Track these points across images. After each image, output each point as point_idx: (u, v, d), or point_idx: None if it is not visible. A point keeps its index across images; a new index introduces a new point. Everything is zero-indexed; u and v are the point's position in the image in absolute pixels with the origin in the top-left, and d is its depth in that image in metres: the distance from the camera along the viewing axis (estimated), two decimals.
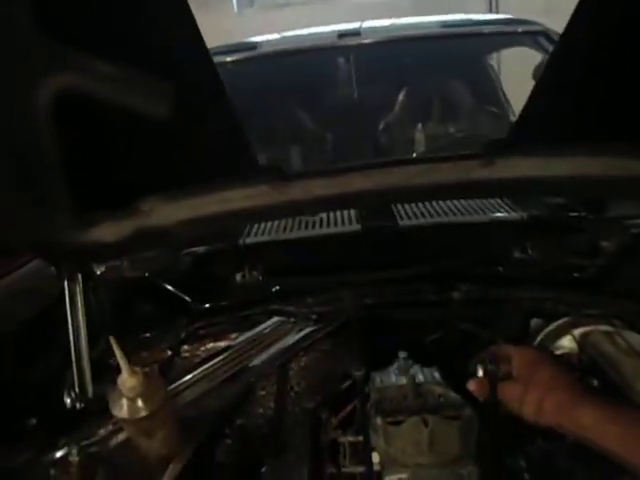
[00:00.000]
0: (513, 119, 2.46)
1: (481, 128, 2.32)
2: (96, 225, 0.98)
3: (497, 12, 6.25)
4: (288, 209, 1.02)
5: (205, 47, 0.74)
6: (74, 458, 0.76)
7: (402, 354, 0.98)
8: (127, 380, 0.74)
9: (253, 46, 1.97)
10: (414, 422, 0.78)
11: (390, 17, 5.17)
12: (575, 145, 0.94)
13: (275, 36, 2.24)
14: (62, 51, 0.64)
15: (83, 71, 0.66)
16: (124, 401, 0.75)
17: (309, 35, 2.21)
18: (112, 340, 0.74)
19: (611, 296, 1.15)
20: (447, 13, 5.68)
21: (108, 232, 0.99)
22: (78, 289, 1.03)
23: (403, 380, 0.91)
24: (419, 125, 2.05)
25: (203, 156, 0.92)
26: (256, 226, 1.38)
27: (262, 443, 1.00)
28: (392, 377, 0.93)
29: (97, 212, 0.97)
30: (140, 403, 0.76)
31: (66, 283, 1.02)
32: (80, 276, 1.03)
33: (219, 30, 0.75)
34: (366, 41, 1.93)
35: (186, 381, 1.08)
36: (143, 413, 0.76)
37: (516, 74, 2.92)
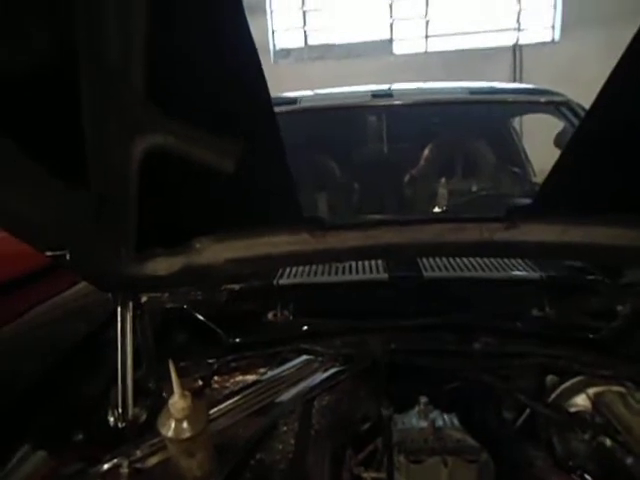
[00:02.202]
0: (533, 179, 2.57)
1: (502, 187, 2.43)
2: (152, 259, 1.09)
3: (521, 75, 6.51)
4: (325, 256, 1.13)
5: (272, 109, 0.85)
6: (124, 470, 0.83)
7: (423, 399, 1.04)
8: (178, 402, 0.82)
9: (294, 100, 2.14)
10: (435, 462, 0.84)
11: (419, 76, 5.43)
12: (591, 215, 1.03)
13: (313, 92, 2.42)
14: (159, 115, 0.77)
15: (172, 132, 0.79)
16: (172, 421, 0.83)
17: (345, 93, 2.38)
18: (171, 364, 0.83)
19: (624, 358, 1.20)
20: (473, 74, 5.94)
21: (162, 266, 1.10)
22: (129, 316, 1.12)
23: (424, 423, 0.97)
24: (442, 180, 2.15)
25: (255, 203, 1.04)
26: (289, 268, 1.48)
27: (280, 478, 1.05)
28: (413, 420, 1.00)
29: (155, 248, 1.08)
30: (186, 424, 0.84)
31: (119, 310, 1.12)
32: (131, 304, 1.14)
33: None
34: (398, 102, 2.07)
35: (217, 411, 1.15)
36: (188, 434, 0.84)
37: (538, 136, 3.05)
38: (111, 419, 1.05)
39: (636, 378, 1.13)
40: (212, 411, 1.14)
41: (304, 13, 7.06)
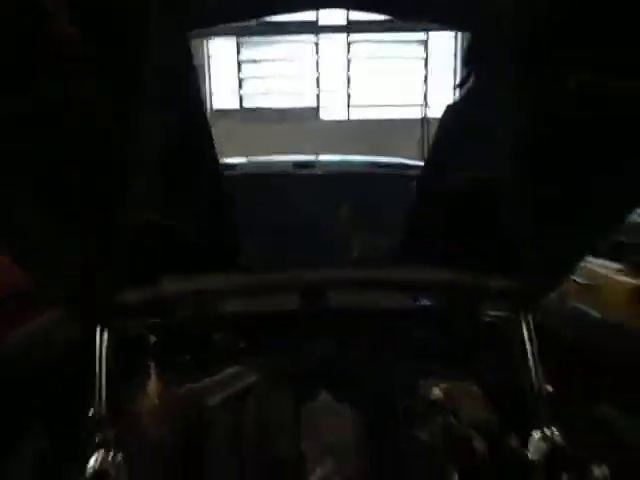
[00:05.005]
0: None
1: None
2: (125, 293, 1.46)
3: (429, 144, 7.48)
4: (254, 291, 1.57)
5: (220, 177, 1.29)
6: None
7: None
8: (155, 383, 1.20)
9: (233, 166, 2.58)
10: None
11: (342, 140, 6.08)
12: (437, 260, 1.55)
13: (246, 160, 2.90)
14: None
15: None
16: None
17: (273, 162, 2.89)
18: (152, 365, 1.20)
19: (470, 366, 1.71)
20: (389, 140, 6.69)
21: (132, 298, 1.47)
22: (104, 340, 1.46)
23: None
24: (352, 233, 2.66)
25: (205, 251, 1.46)
26: (234, 300, 1.86)
27: None
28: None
29: (128, 285, 1.45)
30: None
31: (98, 335, 1.45)
32: (107, 331, 1.48)
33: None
34: (318, 172, 2.60)
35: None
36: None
37: None
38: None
39: (475, 379, 1.63)
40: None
41: (240, 80, 7.73)
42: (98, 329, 1.45)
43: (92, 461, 1.16)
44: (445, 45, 7.96)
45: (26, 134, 0.99)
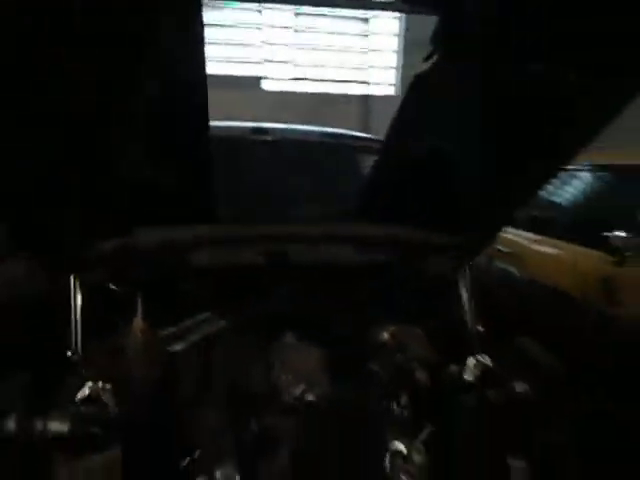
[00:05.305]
0: None
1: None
2: (98, 243, 1.52)
3: (368, 119, 7.73)
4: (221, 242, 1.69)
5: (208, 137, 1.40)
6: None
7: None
8: (138, 322, 1.30)
9: None
10: None
11: (283, 111, 6.13)
12: (389, 221, 1.75)
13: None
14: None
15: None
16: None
17: (228, 126, 2.94)
18: (139, 299, 1.29)
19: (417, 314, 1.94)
20: (330, 115, 6.83)
21: (105, 247, 1.53)
22: (77, 289, 1.51)
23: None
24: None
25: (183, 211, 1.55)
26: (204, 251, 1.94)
27: None
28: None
29: (100, 235, 1.52)
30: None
31: (72, 282, 1.51)
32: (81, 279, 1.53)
33: None
34: (270, 138, 2.70)
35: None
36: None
37: None
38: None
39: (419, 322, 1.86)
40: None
41: None
42: (72, 278, 1.51)
43: (84, 389, 1.25)
44: (388, 25, 8.16)
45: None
